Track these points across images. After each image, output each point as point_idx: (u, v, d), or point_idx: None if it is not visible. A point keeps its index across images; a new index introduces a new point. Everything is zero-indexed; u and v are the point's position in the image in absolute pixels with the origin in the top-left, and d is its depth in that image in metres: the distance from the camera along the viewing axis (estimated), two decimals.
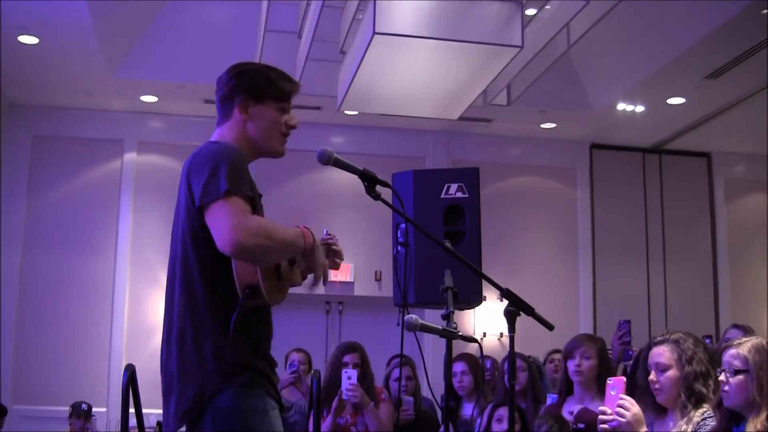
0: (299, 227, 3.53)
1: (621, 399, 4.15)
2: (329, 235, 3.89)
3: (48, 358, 11.25)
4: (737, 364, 3.88)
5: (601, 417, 4.23)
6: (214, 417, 3.33)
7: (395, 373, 7.38)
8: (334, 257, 3.87)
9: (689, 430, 4.26)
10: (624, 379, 4.27)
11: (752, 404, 3.82)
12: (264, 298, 3.36)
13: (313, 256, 3.56)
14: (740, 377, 3.86)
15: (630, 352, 7.01)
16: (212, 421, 3.33)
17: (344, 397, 6.57)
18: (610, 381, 4.28)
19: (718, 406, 4.04)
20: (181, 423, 3.40)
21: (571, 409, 5.83)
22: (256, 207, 3.46)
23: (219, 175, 3.31)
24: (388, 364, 7.95)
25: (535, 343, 7.45)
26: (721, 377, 3.94)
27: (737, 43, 9.62)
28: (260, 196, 3.62)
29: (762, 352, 3.88)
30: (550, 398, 6.39)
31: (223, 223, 3.25)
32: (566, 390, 6.07)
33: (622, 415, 4.12)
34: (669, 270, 13.41)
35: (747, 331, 6.60)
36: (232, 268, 3.35)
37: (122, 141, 12.09)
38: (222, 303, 3.38)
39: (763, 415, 3.75)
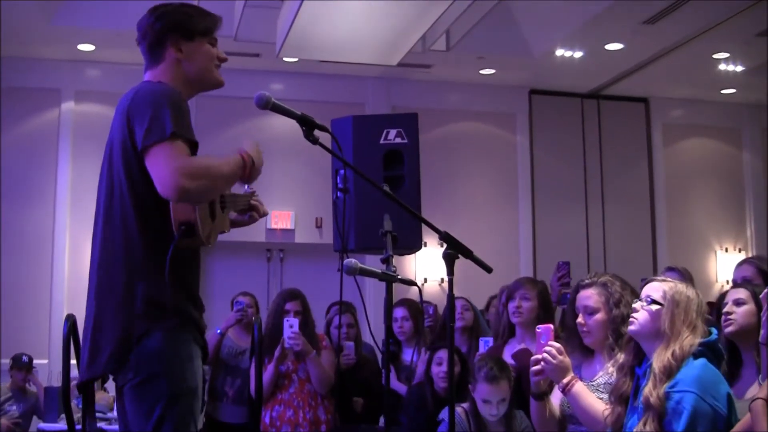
0: (240, 154, 3.54)
1: (548, 346, 4.21)
2: (250, 189, 3.92)
3: None
4: (655, 295, 3.92)
5: (533, 368, 4.31)
6: (138, 359, 3.32)
7: (336, 320, 7.43)
8: (254, 211, 3.94)
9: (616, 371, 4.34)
10: (551, 326, 4.32)
11: (661, 337, 3.86)
12: (199, 236, 3.36)
13: (256, 169, 3.63)
14: (655, 307, 3.90)
15: (567, 296, 7.08)
16: (136, 362, 3.33)
17: (286, 345, 6.61)
18: (539, 329, 4.33)
19: (628, 342, 4.09)
20: (109, 366, 3.38)
21: (512, 351, 5.90)
22: (196, 150, 3.44)
23: (163, 117, 3.28)
24: (328, 311, 8.00)
25: (477, 287, 7.51)
26: (636, 305, 3.99)
27: None
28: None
29: (682, 294, 3.91)
30: (483, 342, 6.42)
31: (165, 166, 3.23)
32: (508, 332, 6.13)
33: (547, 362, 4.19)
34: (608, 214, 13.54)
35: (683, 273, 6.69)
36: (168, 209, 3.33)
37: (59, 90, 11.92)
38: (158, 246, 3.36)
39: (670, 350, 3.79)
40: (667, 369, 3.75)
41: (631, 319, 3.99)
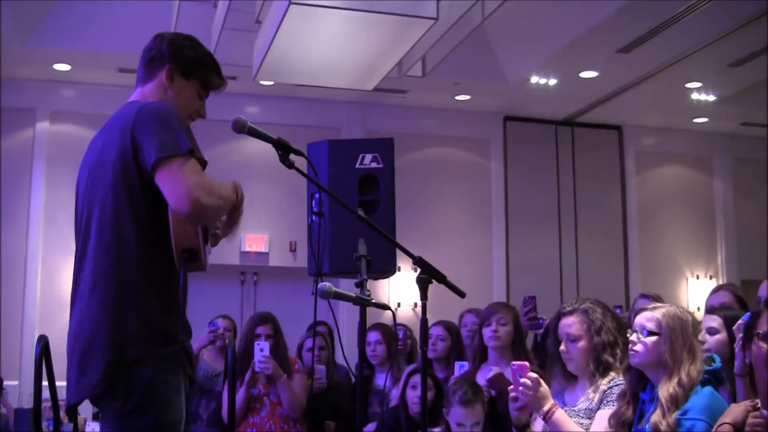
0: (234, 182, 3.58)
1: (523, 379, 4.25)
2: None
3: None
4: (651, 326, 4.00)
5: (513, 405, 4.34)
6: (127, 388, 3.26)
7: (308, 343, 7.42)
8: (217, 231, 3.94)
9: (596, 398, 4.37)
10: (527, 364, 4.35)
11: (664, 366, 3.93)
12: (201, 261, 3.35)
13: (240, 210, 3.67)
14: (653, 338, 3.96)
15: (540, 321, 7.13)
16: (125, 391, 3.26)
17: (256, 369, 6.59)
18: (514, 366, 4.36)
19: (627, 370, 4.14)
20: (97, 390, 3.28)
21: (484, 378, 5.92)
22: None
23: (176, 134, 3.28)
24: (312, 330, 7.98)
25: (449, 312, 7.53)
26: (632, 337, 4.04)
27: (648, 19, 9.77)
28: None
29: (675, 318, 4.01)
30: (459, 366, 6.44)
31: (182, 181, 3.20)
32: (480, 356, 6.16)
33: (525, 395, 4.22)
34: (580, 240, 13.62)
35: (655, 299, 6.73)
36: (167, 230, 3.29)
37: (35, 110, 11.90)
38: (155, 267, 3.34)
39: (675, 379, 3.87)
40: (674, 398, 3.84)
41: (630, 352, 4.06)
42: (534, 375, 4.26)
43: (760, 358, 3.74)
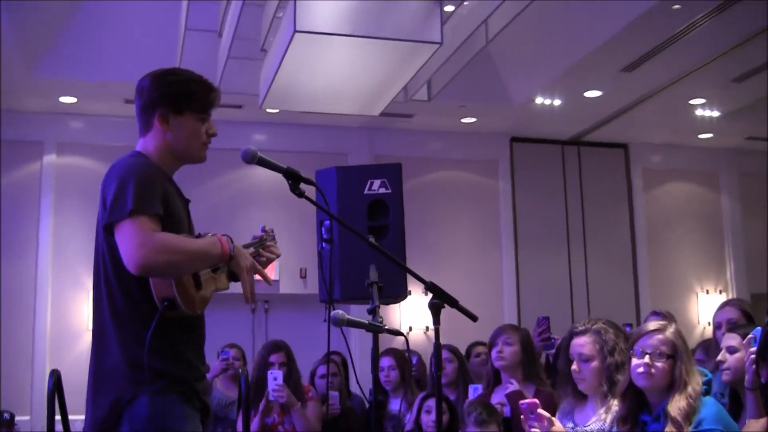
0: (215, 235, 3.56)
1: (531, 424, 4.24)
2: (264, 232, 3.93)
3: None
4: (665, 349, 4.00)
5: None
6: (131, 424, 3.38)
7: (320, 370, 7.43)
8: (267, 253, 3.92)
9: (609, 419, 4.37)
10: (537, 401, 4.34)
11: (673, 386, 3.94)
12: (181, 309, 3.39)
13: (236, 262, 3.57)
14: (669, 361, 3.97)
15: (553, 341, 7.12)
16: (129, 428, 3.38)
17: (270, 397, 6.59)
18: (524, 405, 4.35)
19: (626, 393, 4.13)
20: (105, 425, 3.43)
21: (499, 399, 5.93)
22: (173, 221, 3.49)
23: (125, 194, 3.34)
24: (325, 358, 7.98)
25: (460, 335, 7.52)
26: (645, 359, 4.02)
27: (650, 37, 9.79)
28: (188, 201, 3.65)
29: (682, 337, 4.07)
30: (473, 389, 6.45)
31: (127, 243, 3.29)
32: (493, 380, 6.17)
33: None
34: (590, 259, 13.59)
35: (667, 317, 6.72)
36: (148, 280, 3.38)
37: (42, 143, 11.89)
38: (141, 312, 3.42)
39: (685, 394, 3.88)
40: (687, 412, 3.86)
41: (641, 374, 4.05)
42: (546, 414, 4.26)
43: None
